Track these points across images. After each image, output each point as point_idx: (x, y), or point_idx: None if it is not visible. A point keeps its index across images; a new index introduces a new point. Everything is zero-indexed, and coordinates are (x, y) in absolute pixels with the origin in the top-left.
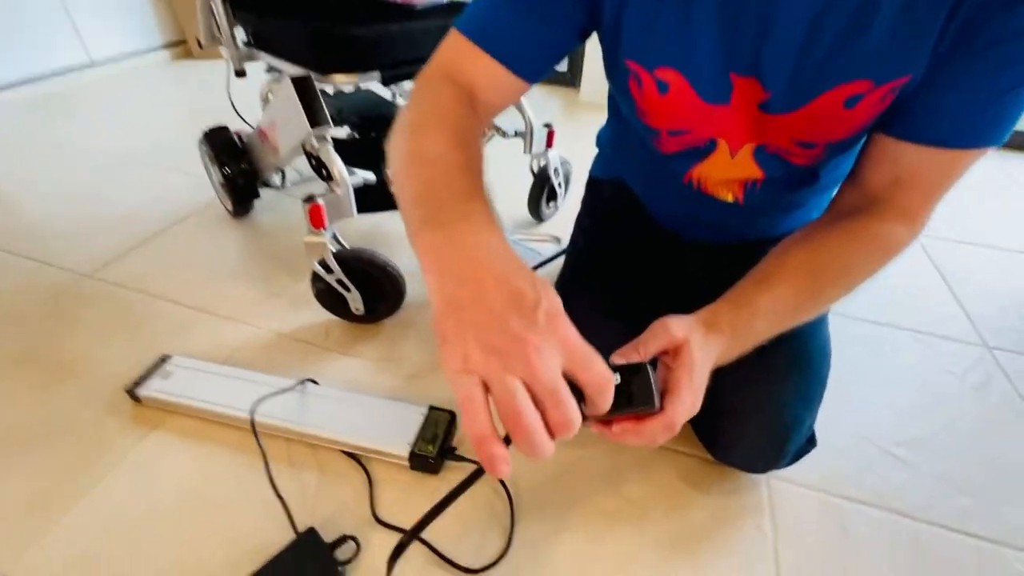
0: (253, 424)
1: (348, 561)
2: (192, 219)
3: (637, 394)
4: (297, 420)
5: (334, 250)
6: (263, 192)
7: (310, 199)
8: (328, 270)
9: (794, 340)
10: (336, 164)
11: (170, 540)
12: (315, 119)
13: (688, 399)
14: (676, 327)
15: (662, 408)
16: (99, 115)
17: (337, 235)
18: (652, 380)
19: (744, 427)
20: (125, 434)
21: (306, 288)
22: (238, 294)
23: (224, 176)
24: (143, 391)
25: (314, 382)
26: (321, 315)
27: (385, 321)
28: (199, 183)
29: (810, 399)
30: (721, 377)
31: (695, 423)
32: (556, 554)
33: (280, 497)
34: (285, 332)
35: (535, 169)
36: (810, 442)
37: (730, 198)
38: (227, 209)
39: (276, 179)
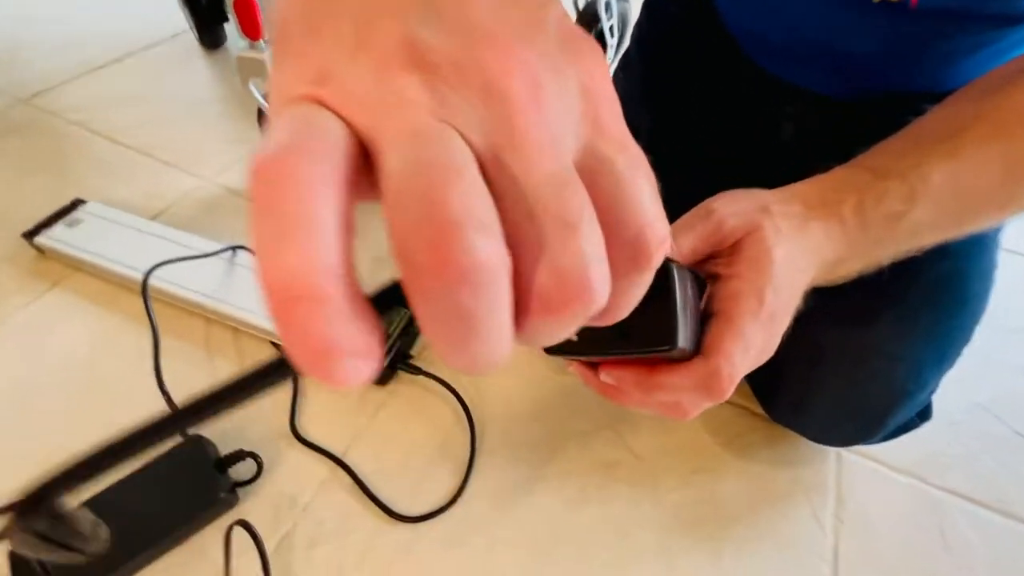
0: (145, 289)
1: (244, 483)
2: (156, 48)
3: (645, 323)
4: (214, 294)
5: None
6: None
7: None
8: None
9: (943, 260)
10: None
11: (48, 418)
12: None
13: (752, 336)
14: (732, 206)
15: (699, 352)
16: None
17: None
18: (678, 298)
19: (829, 381)
20: (22, 288)
21: None
22: (191, 136)
23: None
24: (43, 239)
25: (249, 250)
26: None
27: None
28: (172, 9)
29: (943, 355)
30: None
31: None
32: (521, 511)
33: (164, 391)
34: (235, 188)
35: (579, 5)
36: (922, 415)
37: None
38: (196, 37)
39: None
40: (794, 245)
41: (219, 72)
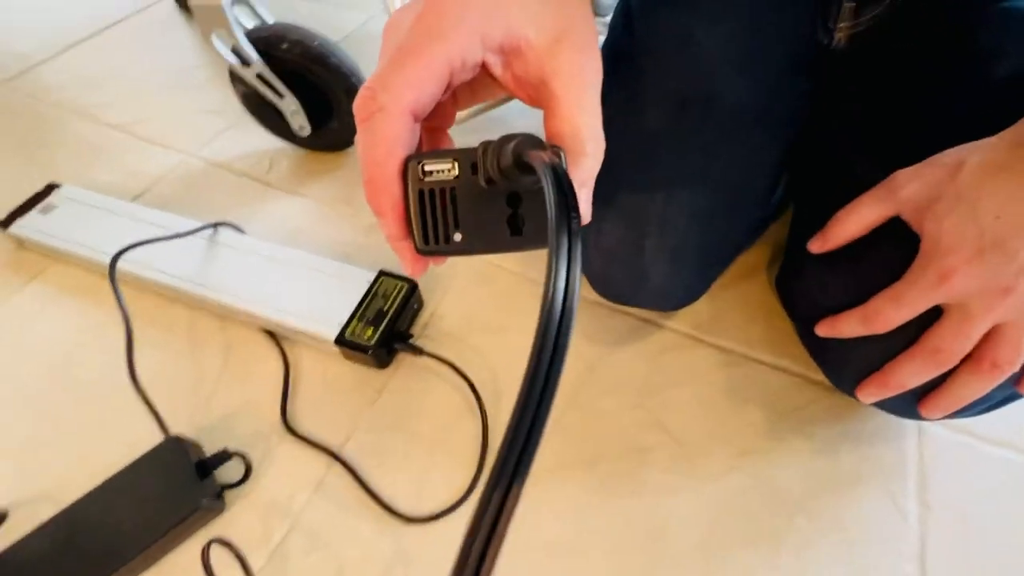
0: (112, 274)
1: (231, 486)
2: (137, 18)
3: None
4: (194, 278)
5: (246, 26)
6: None
7: None
8: (244, 62)
9: None
10: None
11: (27, 420)
12: None
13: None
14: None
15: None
16: None
17: (255, 7)
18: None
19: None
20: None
21: None
22: (173, 110)
23: None
24: (17, 228)
25: (237, 228)
26: (269, 141)
27: (349, 151)
28: None
29: None
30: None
31: (801, 320)
32: (542, 508)
33: (138, 386)
34: (220, 161)
35: None
36: None
37: None
38: (177, 4)
39: None
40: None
41: (199, 40)
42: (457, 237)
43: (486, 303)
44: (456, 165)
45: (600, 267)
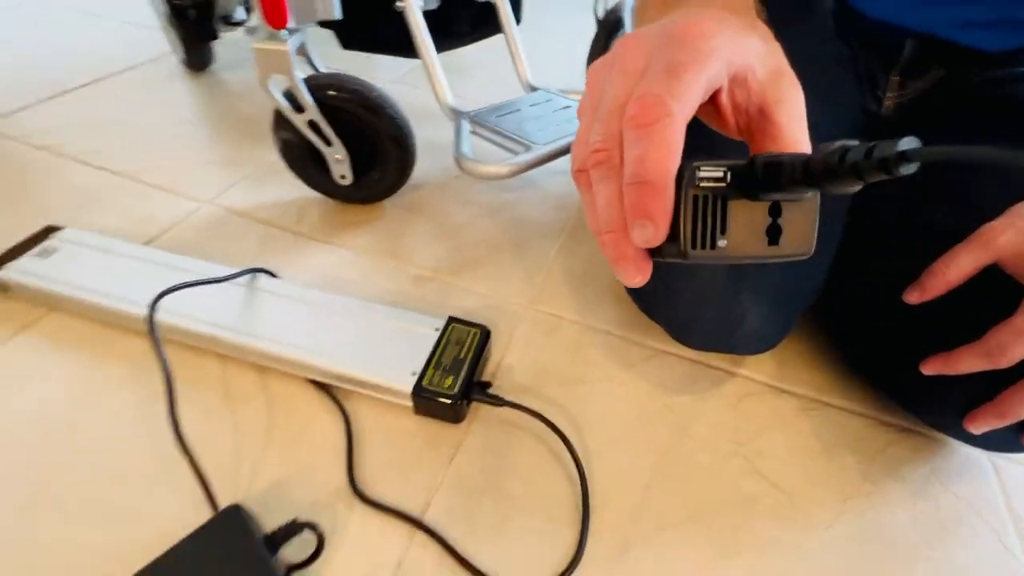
0: (152, 324)
1: (301, 565)
2: (135, 71)
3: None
4: (235, 326)
5: (303, 74)
6: (226, 47)
7: None
8: (297, 107)
9: None
10: None
11: (15, 506)
12: None
13: None
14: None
15: None
16: None
17: (311, 56)
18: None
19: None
20: None
21: (277, 159)
22: (180, 160)
23: (171, 5)
24: (7, 273)
25: (271, 274)
26: (295, 191)
27: (385, 203)
28: (152, 36)
29: None
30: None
31: (881, 365)
32: (657, 573)
33: (186, 450)
34: (241, 210)
35: (599, 14)
36: None
37: None
38: (180, 59)
39: (239, 11)
40: None
41: (206, 94)
42: (722, 243)
43: (555, 353)
44: (727, 174)
45: (687, 311)
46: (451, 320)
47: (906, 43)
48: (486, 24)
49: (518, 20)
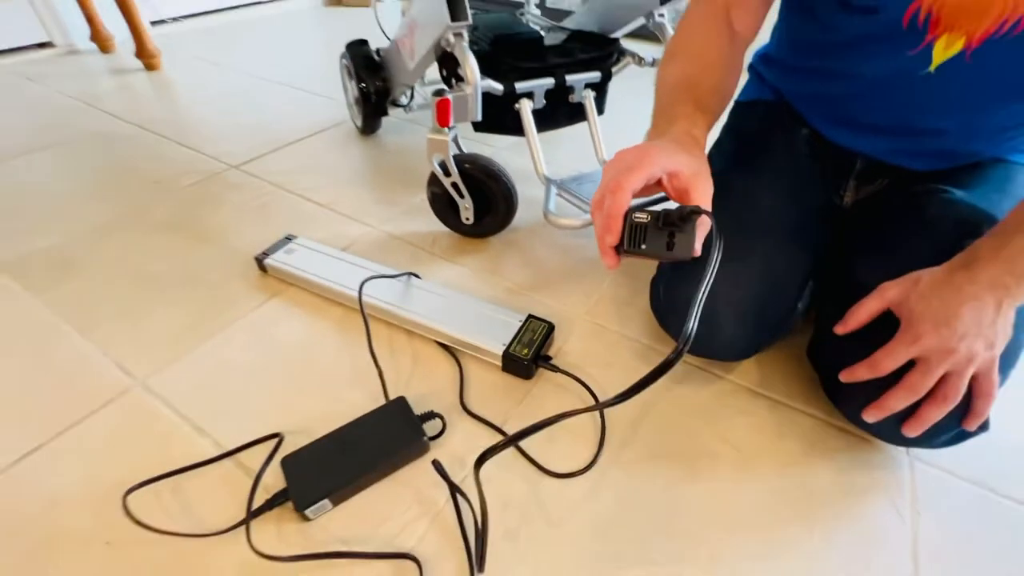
0: (360, 298)
1: (434, 437)
2: (326, 133)
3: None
4: (398, 305)
5: (454, 152)
6: (390, 116)
7: (439, 93)
8: (446, 172)
9: None
10: (469, 61)
11: (274, 388)
12: (456, 13)
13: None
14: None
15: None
16: (257, 46)
17: (458, 139)
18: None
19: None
20: (250, 296)
21: (420, 201)
22: (358, 197)
23: (360, 91)
24: (269, 261)
25: (417, 276)
26: (431, 225)
27: (491, 238)
28: (336, 105)
29: (1004, 364)
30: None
31: (825, 373)
32: (645, 475)
33: (377, 364)
34: (396, 234)
35: None
36: (982, 426)
37: (959, 47)
38: (356, 126)
39: (404, 98)
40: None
41: (374, 152)
42: (643, 247)
43: (597, 348)
44: (648, 216)
45: (683, 324)
46: (530, 316)
47: (857, 160)
48: (578, 115)
49: (600, 111)
